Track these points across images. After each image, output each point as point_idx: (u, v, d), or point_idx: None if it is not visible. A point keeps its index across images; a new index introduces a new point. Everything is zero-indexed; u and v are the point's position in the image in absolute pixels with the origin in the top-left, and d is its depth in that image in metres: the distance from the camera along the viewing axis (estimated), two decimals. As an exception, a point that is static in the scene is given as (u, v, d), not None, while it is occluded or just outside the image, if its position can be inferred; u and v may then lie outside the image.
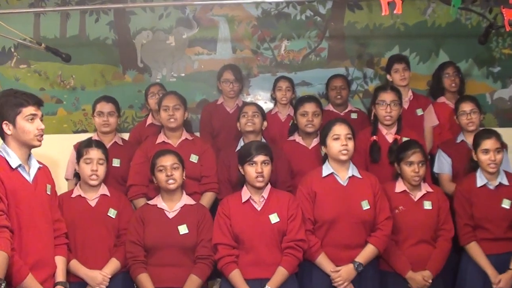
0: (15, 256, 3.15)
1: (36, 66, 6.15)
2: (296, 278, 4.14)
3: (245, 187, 4.18)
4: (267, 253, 4.01)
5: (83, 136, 4.95)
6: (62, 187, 4.90)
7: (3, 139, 3.46)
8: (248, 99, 6.06)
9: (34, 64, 6.15)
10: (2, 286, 2.90)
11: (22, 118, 3.39)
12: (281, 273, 3.97)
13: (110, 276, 4.11)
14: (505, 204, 4.37)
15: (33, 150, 4.34)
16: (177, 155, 4.27)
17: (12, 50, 6.16)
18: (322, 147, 4.31)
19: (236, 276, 3.98)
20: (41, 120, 3.49)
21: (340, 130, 4.20)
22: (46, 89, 6.14)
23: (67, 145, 4.82)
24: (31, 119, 3.41)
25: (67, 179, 5.04)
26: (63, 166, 5.15)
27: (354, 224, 4.14)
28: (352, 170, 4.26)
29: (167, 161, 4.19)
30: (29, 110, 3.40)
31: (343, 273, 4.08)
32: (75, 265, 4.08)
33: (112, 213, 4.24)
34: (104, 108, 4.97)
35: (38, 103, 3.48)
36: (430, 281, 4.23)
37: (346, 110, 5.75)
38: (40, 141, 3.47)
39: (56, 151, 5.44)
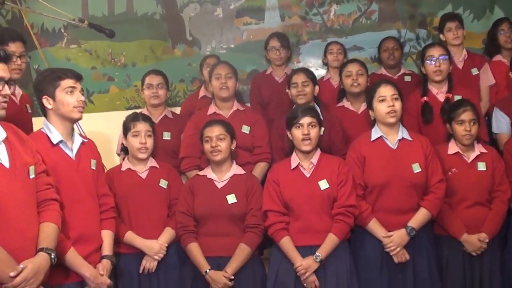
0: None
1: (87, 45, 6.24)
2: (348, 245, 4.10)
3: (294, 153, 4.14)
4: (317, 220, 3.96)
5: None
6: (116, 163, 4.92)
7: (45, 115, 3.50)
8: (299, 66, 5.97)
9: (84, 44, 6.25)
10: (52, 256, 2.93)
11: (61, 90, 3.41)
12: (331, 240, 3.93)
13: (166, 245, 4.13)
14: None
15: (86, 128, 4.44)
16: (225, 125, 4.24)
17: (62, 31, 6.26)
18: (370, 112, 4.23)
19: (286, 242, 3.96)
20: (82, 94, 3.50)
21: (385, 91, 4.11)
22: (98, 68, 6.25)
23: (120, 122, 4.85)
24: (71, 92, 3.43)
25: (118, 154, 5.08)
26: (116, 143, 5.19)
27: (405, 188, 4.06)
28: (402, 133, 4.17)
29: (213, 131, 4.17)
30: (68, 82, 3.42)
31: (396, 238, 4.01)
32: (131, 236, 4.11)
33: (163, 183, 4.25)
34: (153, 80, 4.99)
35: (76, 76, 3.49)
36: (486, 242, 4.12)
37: (400, 73, 5.66)
38: (80, 112, 3.48)
39: (110, 128, 5.50)
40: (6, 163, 2.87)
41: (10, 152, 2.91)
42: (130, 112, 4.47)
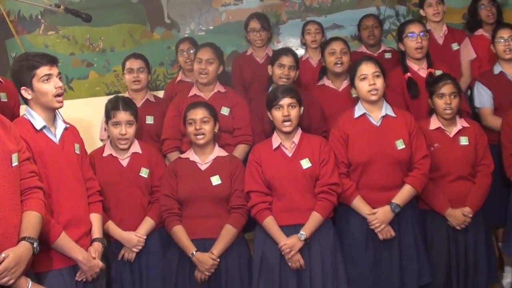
0: (47, 216, 3.16)
1: (64, 31, 6.16)
2: (332, 223, 4.11)
3: (275, 133, 4.14)
4: (300, 199, 3.97)
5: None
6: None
7: (26, 103, 3.46)
8: (279, 46, 5.94)
9: (62, 30, 6.17)
10: (35, 245, 2.90)
11: (38, 80, 3.36)
12: (315, 218, 3.94)
13: (145, 237, 4.11)
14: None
15: (67, 115, 4.37)
16: (209, 108, 4.21)
17: (39, 17, 6.17)
18: (353, 89, 4.21)
19: (270, 222, 3.97)
20: (59, 78, 3.44)
21: (366, 69, 4.10)
22: (76, 54, 6.17)
23: (100, 108, 4.80)
24: (47, 79, 3.37)
25: (102, 140, 5.04)
26: (97, 129, 5.16)
27: (389, 164, 4.06)
28: (386, 109, 4.17)
29: (197, 114, 4.14)
30: (43, 70, 3.36)
31: (380, 215, 4.02)
32: (110, 226, 4.09)
33: (144, 172, 4.21)
34: (134, 64, 4.94)
35: (51, 61, 3.42)
36: (470, 216, 4.14)
37: (380, 51, 5.66)
38: (59, 102, 3.43)
39: (90, 114, 5.47)
40: None
41: None
42: (110, 98, 4.41)
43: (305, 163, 4.01)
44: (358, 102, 4.23)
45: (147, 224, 4.15)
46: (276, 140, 4.10)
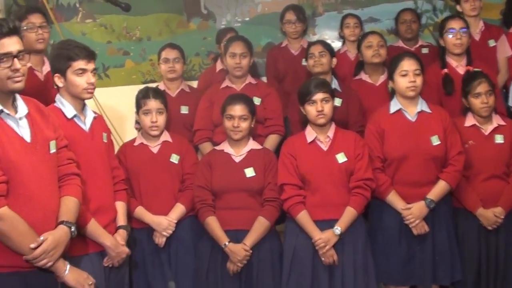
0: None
1: (102, 20, 6.21)
2: (364, 219, 4.10)
3: (309, 127, 4.12)
4: (335, 194, 3.96)
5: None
6: (130, 135, 4.93)
7: (58, 90, 3.53)
8: (315, 39, 5.89)
9: (99, 18, 6.22)
10: (72, 229, 2.96)
11: (72, 72, 3.42)
12: (350, 213, 3.93)
13: (175, 221, 4.15)
14: None
15: (103, 103, 4.44)
16: (248, 104, 4.21)
17: (77, 5, 6.23)
18: (390, 82, 4.20)
19: (304, 217, 3.96)
20: (94, 74, 3.50)
21: (408, 65, 4.08)
22: (113, 42, 6.22)
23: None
24: (81, 73, 3.42)
25: (136, 129, 5.07)
26: (133, 117, 5.18)
27: (424, 160, 4.05)
28: (421, 105, 4.15)
29: (236, 111, 4.15)
30: (79, 64, 3.41)
31: (415, 211, 4.01)
32: (141, 211, 4.14)
33: (174, 158, 4.26)
34: (170, 54, 4.97)
35: (89, 56, 3.46)
36: (502, 217, 4.11)
37: (417, 45, 5.61)
38: (90, 93, 3.49)
39: (126, 102, 5.46)
40: (28, 138, 2.88)
41: (31, 127, 2.92)
42: (145, 86, 4.46)
43: (341, 158, 3.99)
44: (392, 96, 4.22)
45: (178, 209, 4.19)
46: (310, 134, 4.09)
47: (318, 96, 4.01)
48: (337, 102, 4.35)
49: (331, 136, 4.06)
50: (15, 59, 2.79)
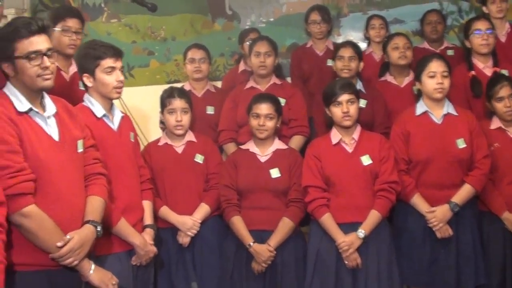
0: (108, 201, 3.22)
1: (127, 20, 6.26)
2: (388, 222, 4.08)
3: (334, 129, 4.10)
4: (360, 196, 3.94)
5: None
6: (155, 135, 4.95)
7: (86, 90, 3.55)
8: (339, 40, 5.91)
9: (124, 18, 6.28)
10: (98, 229, 2.98)
11: (101, 70, 3.44)
12: (374, 216, 3.91)
13: (200, 221, 4.16)
14: None
15: (127, 102, 4.46)
16: (274, 103, 4.22)
17: (103, 5, 6.29)
18: (417, 83, 4.18)
19: (328, 219, 3.93)
20: (122, 71, 3.52)
21: (436, 67, 4.05)
22: (138, 42, 6.27)
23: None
24: (110, 72, 3.45)
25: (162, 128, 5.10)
26: (157, 116, 5.20)
27: (450, 163, 4.02)
28: (448, 108, 4.12)
29: (262, 109, 4.16)
30: (107, 62, 3.44)
31: (438, 214, 3.98)
32: (166, 211, 4.16)
33: (199, 158, 4.28)
34: (196, 54, 5.00)
35: (117, 54, 3.50)
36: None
37: (442, 47, 5.57)
38: (118, 93, 3.52)
39: (150, 102, 5.49)
40: (56, 137, 2.91)
41: (59, 126, 2.95)
42: (170, 86, 4.48)
43: (366, 160, 3.97)
44: (419, 98, 4.19)
45: (203, 209, 4.21)
46: (335, 135, 4.07)
47: (344, 97, 3.99)
48: (362, 103, 4.33)
49: (356, 138, 4.05)
50: (45, 57, 2.82)
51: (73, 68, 4.10)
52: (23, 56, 2.79)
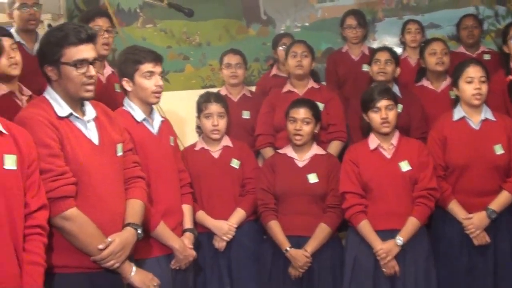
0: (147, 205, 3.25)
1: (162, 25, 6.34)
2: (426, 228, 4.03)
3: (372, 134, 4.07)
4: (398, 203, 3.89)
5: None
6: (191, 140, 4.97)
7: (126, 94, 3.58)
8: (375, 44, 5.93)
9: (159, 23, 6.35)
10: (139, 231, 3.00)
11: (140, 75, 3.47)
12: (413, 223, 3.86)
13: (236, 226, 4.17)
14: None
15: (163, 107, 4.49)
16: (312, 108, 4.21)
17: (138, 10, 6.35)
18: (454, 89, 4.14)
19: (365, 226, 3.90)
20: (161, 77, 3.54)
21: (473, 72, 4.00)
22: (173, 47, 6.34)
23: (196, 101, 4.92)
24: (149, 76, 3.47)
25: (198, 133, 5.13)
26: (191, 121, 5.22)
27: (487, 169, 3.97)
28: (485, 113, 4.07)
29: (300, 113, 4.15)
30: (147, 67, 3.47)
31: (476, 221, 3.94)
32: (202, 216, 4.17)
33: (235, 163, 4.28)
34: (232, 60, 5.03)
35: (156, 59, 3.52)
36: None
37: (479, 51, 5.54)
38: (157, 98, 3.54)
39: (185, 106, 5.52)
40: (96, 141, 2.94)
41: (99, 130, 2.98)
42: (205, 91, 4.50)
43: (405, 166, 3.93)
44: (456, 103, 4.15)
45: (238, 214, 4.21)
46: (373, 141, 4.04)
47: (382, 103, 3.97)
48: (398, 108, 4.28)
49: (395, 143, 4.02)
50: (90, 66, 2.86)
51: (107, 71, 4.15)
52: (70, 63, 2.82)
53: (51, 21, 6.02)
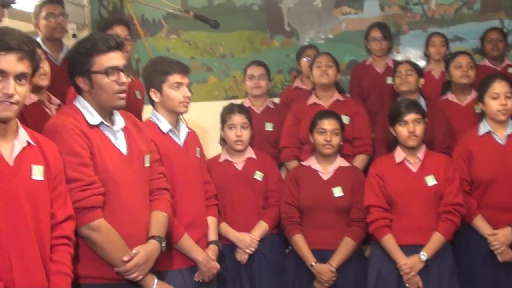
0: (172, 217, 3.25)
1: (186, 36, 6.36)
2: (450, 243, 3.98)
3: (398, 148, 4.05)
4: (423, 217, 3.86)
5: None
6: (213, 151, 4.98)
7: (153, 105, 3.59)
8: (399, 57, 5.89)
9: (183, 34, 6.38)
10: (163, 244, 3.01)
11: (168, 86, 3.48)
12: (437, 239, 3.82)
13: (258, 239, 4.15)
14: None
15: (186, 118, 4.50)
16: (339, 119, 4.22)
17: (162, 21, 6.38)
18: (480, 104, 4.11)
19: (389, 240, 3.87)
20: (188, 88, 3.55)
21: (499, 87, 3.98)
22: (196, 58, 6.34)
23: (218, 112, 4.93)
24: (177, 87, 3.49)
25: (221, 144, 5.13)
26: (214, 132, 5.23)
27: (513, 185, 3.92)
28: (511, 128, 4.03)
29: (329, 124, 4.15)
30: (175, 78, 3.48)
31: (501, 237, 3.89)
32: (225, 228, 4.15)
33: (258, 175, 4.27)
34: (255, 71, 5.04)
35: (184, 70, 3.54)
36: None
37: (503, 65, 5.52)
38: (186, 107, 3.54)
39: (208, 117, 5.51)
40: (124, 150, 2.96)
41: (128, 140, 3.00)
42: (228, 102, 4.51)
43: (431, 180, 3.90)
44: (481, 118, 4.13)
45: (261, 227, 4.19)
46: (399, 154, 4.02)
47: (410, 117, 3.95)
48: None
49: (421, 157, 3.99)
50: (121, 73, 2.88)
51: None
52: (102, 71, 2.84)
53: (76, 31, 6.08)
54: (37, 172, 2.55)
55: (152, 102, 3.59)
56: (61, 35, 4.66)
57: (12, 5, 4.16)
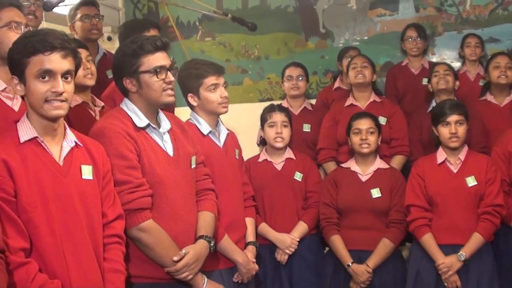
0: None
1: (221, 38, 6.39)
2: (491, 245, 3.97)
3: (440, 148, 4.06)
4: (462, 218, 3.86)
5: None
6: (249, 154, 5.00)
7: (192, 108, 3.60)
8: (434, 58, 5.87)
9: (218, 36, 6.41)
10: (212, 244, 3.05)
11: (205, 89, 3.48)
12: (476, 239, 3.81)
13: (298, 240, 4.16)
14: None
15: (222, 120, 4.54)
16: (374, 119, 4.24)
17: (197, 24, 6.43)
18: None
19: (429, 240, 3.88)
20: (225, 87, 3.56)
21: None
22: (232, 60, 6.38)
23: (253, 114, 4.96)
24: (214, 89, 3.49)
25: (258, 145, 5.12)
26: (249, 134, 5.26)
27: (555, 184, 3.90)
28: (550, 128, 4.03)
29: (364, 124, 4.17)
30: (210, 80, 3.48)
31: None
32: (264, 228, 4.18)
33: (298, 176, 4.29)
34: (293, 72, 5.05)
35: (219, 71, 3.54)
36: None
37: (540, 66, 5.45)
38: (225, 107, 3.54)
39: (243, 119, 5.57)
40: (170, 152, 3.00)
41: (174, 142, 3.04)
42: (263, 104, 4.55)
43: (471, 181, 3.90)
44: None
45: (301, 227, 4.21)
46: (441, 155, 4.02)
47: (453, 118, 3.95)
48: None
49: (463, 158, 3.99)
50: (169, 72, 2.92)
51: None
52: (150, 71, 2.88)
53: (111, 33, 6.13)
54: (87, 172, 2.60)
55: (190, 106, 3.60)
56: (97, 36, 4.70)
57: (54, 8, 4.21)
